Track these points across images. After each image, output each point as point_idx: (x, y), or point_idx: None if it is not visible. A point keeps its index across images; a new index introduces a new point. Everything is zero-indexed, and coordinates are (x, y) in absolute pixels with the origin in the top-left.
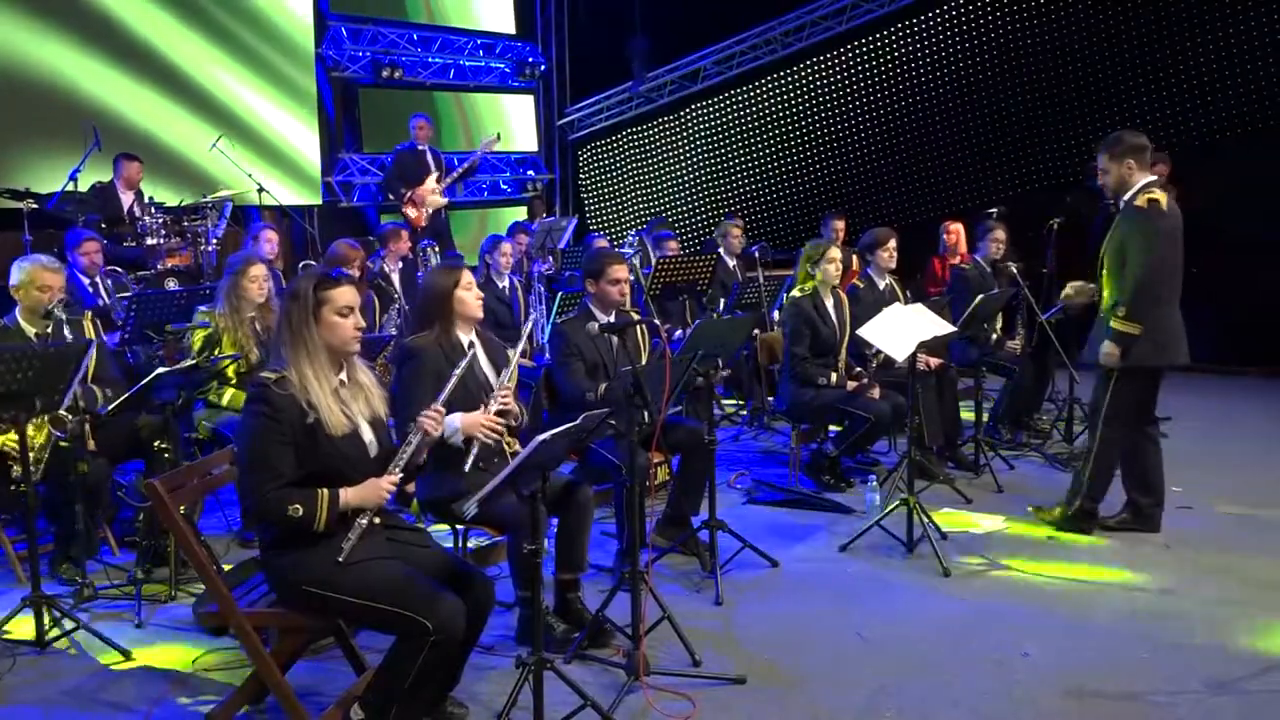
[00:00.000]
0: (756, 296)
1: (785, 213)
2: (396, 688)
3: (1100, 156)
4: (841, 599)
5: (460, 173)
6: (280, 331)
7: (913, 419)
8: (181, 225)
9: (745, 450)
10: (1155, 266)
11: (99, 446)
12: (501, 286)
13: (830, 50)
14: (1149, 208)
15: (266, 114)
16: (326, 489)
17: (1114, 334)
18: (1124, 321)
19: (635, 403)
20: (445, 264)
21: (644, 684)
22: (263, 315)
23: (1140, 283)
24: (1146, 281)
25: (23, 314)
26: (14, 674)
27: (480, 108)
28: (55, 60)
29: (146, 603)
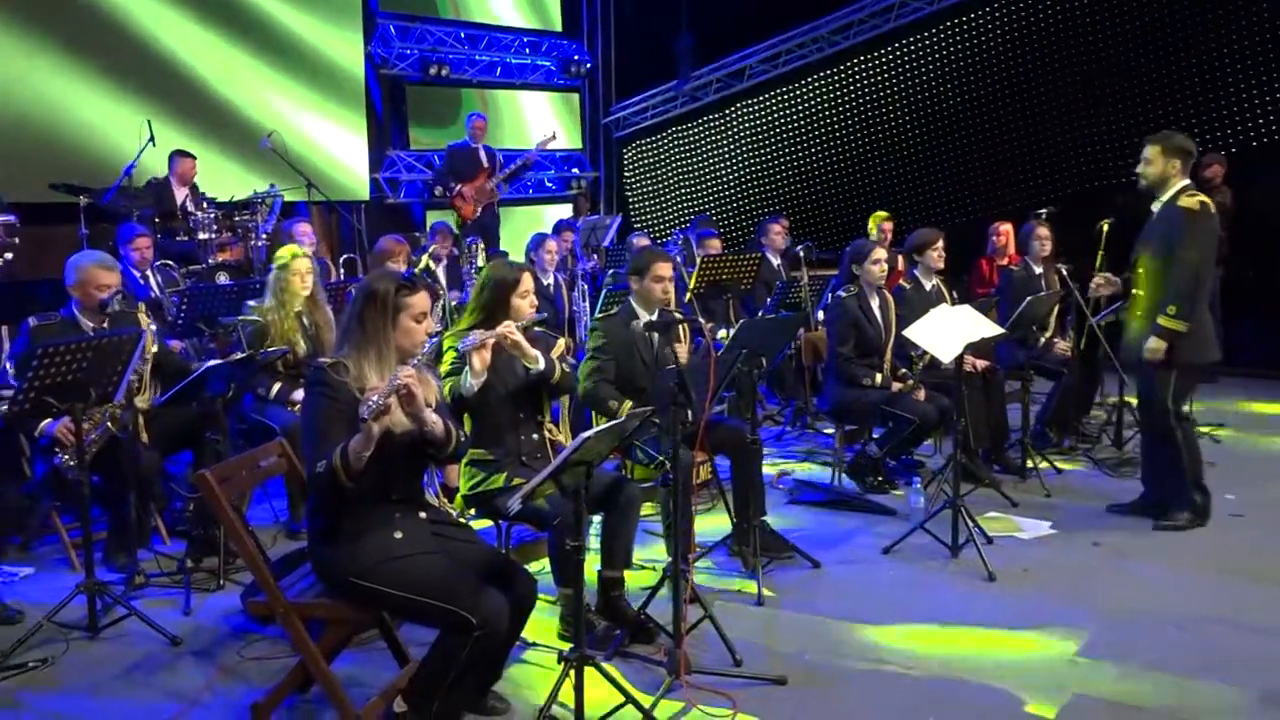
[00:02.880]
0: (801, 296)
1: (831, 211)
2: (439, 681)
3: (1148, 147)
4: (883, 600)
5: (514, 169)
6: (352, 327)
7: (958, 421)
8: (232, 220)
9: (788, 450)
10: (1207, 267)
11: (151, 438)
12: (546, 284)
13: (878, 48)
14: (1200, 210)
15: (316, 111)
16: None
17: (1161, 330)
18: (1173, 320)
19: (679, 401)
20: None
21: (685, 683)
22: (309, 309)
23: (1193, 283)
24: (1197, 281)
25: (80, 308)
26: (67, 658)
27: (526, 105)
28: (110, 58)
29: (195, 591)
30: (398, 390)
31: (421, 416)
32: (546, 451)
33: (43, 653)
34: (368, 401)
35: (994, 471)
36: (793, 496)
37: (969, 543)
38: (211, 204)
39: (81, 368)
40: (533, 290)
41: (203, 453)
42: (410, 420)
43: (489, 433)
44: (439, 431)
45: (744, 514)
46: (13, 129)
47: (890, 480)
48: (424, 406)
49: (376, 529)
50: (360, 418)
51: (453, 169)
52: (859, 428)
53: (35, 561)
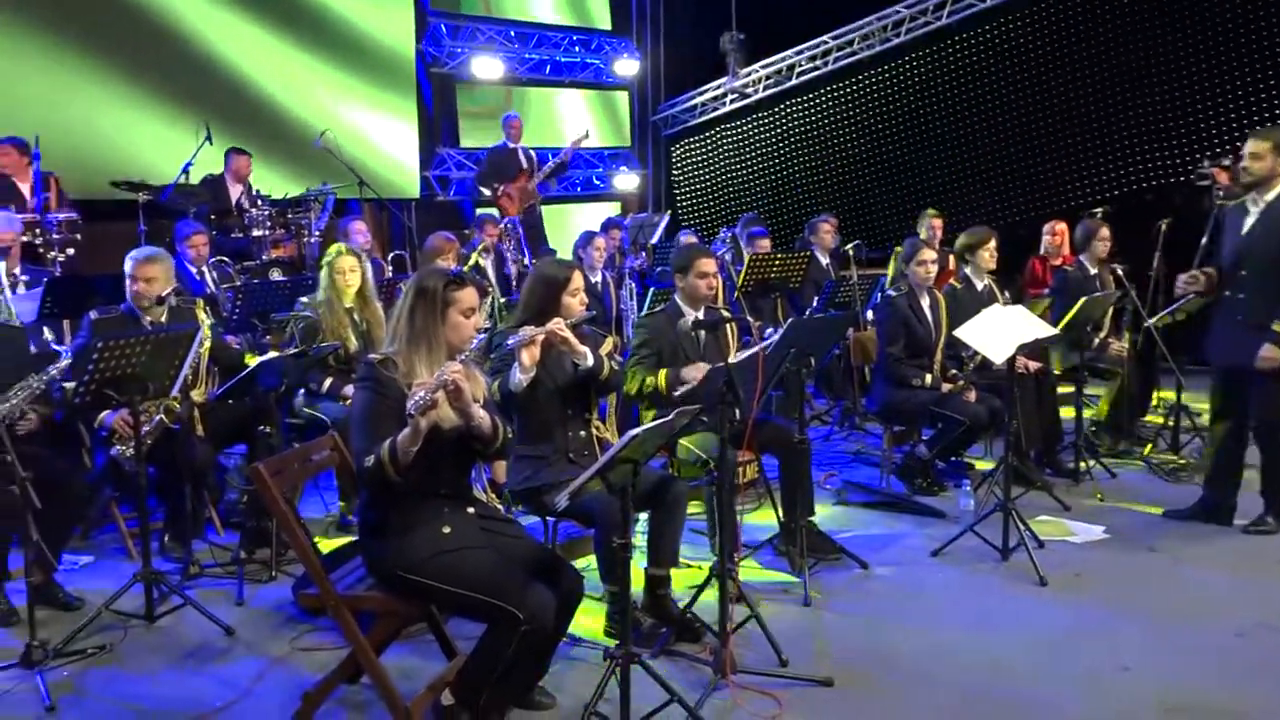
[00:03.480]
0: (850, 295)
1: (880, 210)
2: (486, 675)
3: (1257, 142)
4: (931, 603)
5: (551, 169)
6: (401, 322)
7: (1010, 423)
8: (286, 217)
9: (835, 450)
10: None
11: (207, 431)
12: (593, 281)
13: (929, 45)
14: None
15: (368, 110)
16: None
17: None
18: None
19: (726, 399)
20: (559, 259)
21: (730, 682)
22: (360, 306)
23: None
24: None
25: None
26: (125, 645)
27: (574, 104)
28: (169, 59)
29: (248, 582)
30: (444, 386)
31: (469, 412)
32: (594, 449)
33: (102, 639)
34: (414, 397)
35: (1046, 474)
36: (840, 497)
37: (1020, 546)
38: (266, 201)
39: (140, 361)
40: (582, 288)
41: (256, 446)
42: (457, 415)
43: (537, 429)
44: (486, 427)
45: (791, 514)
46: (76, 128)
47: (939, 482)
48: (471, 402)
49: (425, 523)
50: (407, 413)
51: (493, 170)
52: (908, 428)
53: (94, 550)
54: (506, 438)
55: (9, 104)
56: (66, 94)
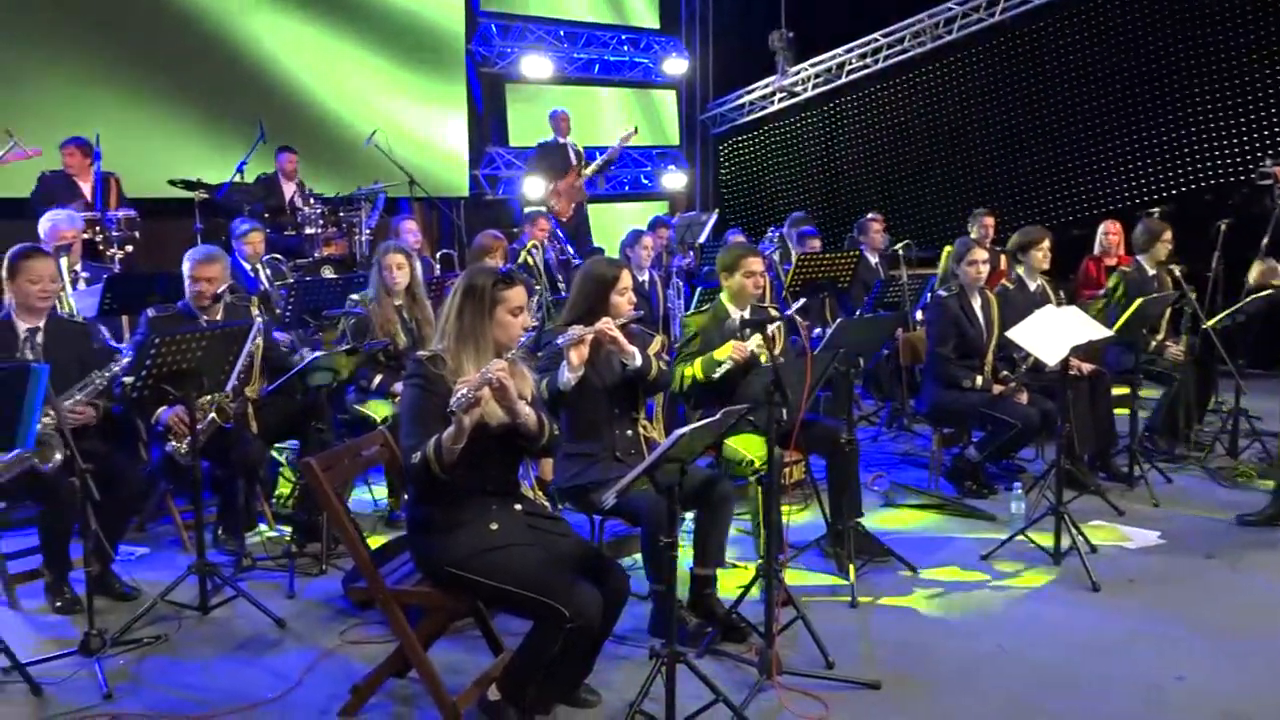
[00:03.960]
0: (899, 295)
1: (931, 209)
2: (532, 671)
3: None
4: (981, 609)
5: (598, 165)
6: (449, 320)
7: (1062, 426)
8: (338, 215)
9: (884, 452)
10: None
11: (259, 427)
12: (641, 280)
13: (982, 42)
14: None
15: (419, 109)
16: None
17: None
18: None
19: (774, 399)
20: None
21: (776, 683)
22: (409, 303)
23: None
24: None
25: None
26: (179, 635)
27: (623, 102)
28: (225, 58)
29: (299, 575)
30: (489, 383)
31: (515, 409)
32: (641, 447)
33: (157, 629)
34: (457, 394)
35: (1099, 479)
36: (888, 499)
37: (1072, 551)
38: (318, 199)
39: (195, 357)
40: (631, 287)
41: (308, 441)
42: (504, 413)
43: (584, 427)
44: (532, 424)
45: (838, 515)
46: (136, 129)
47: (989, 485)
48: (517, 399)
49: (473, 520)
50: (450, 410)
51: (542, 166)
52: (958, 430)
53: (150, 542)
54: (553, 435)
55: (72, 105)
56: (127, 95)
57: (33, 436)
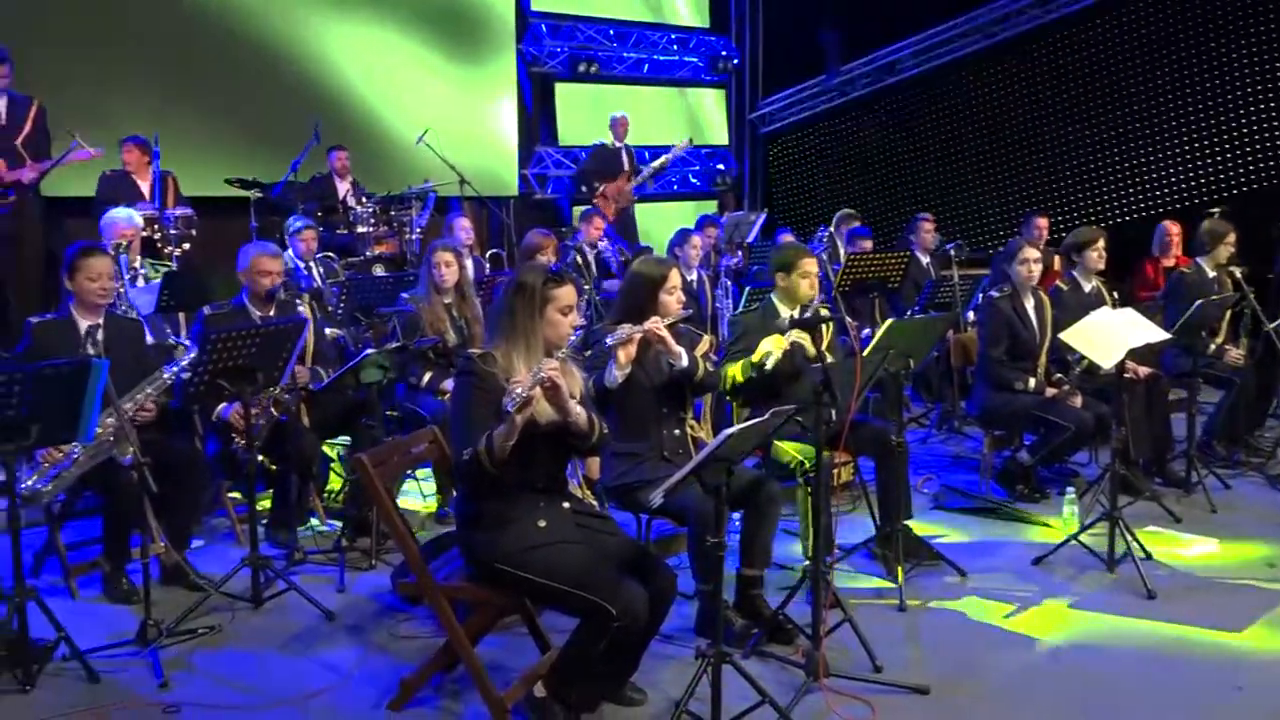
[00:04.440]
0: (951, 296)
1: (984, 210)
2: (578, 669)
3: None
4: (1032, 615)
5: (650, 171)
6: (500, 319)
7: (1117, 429)
8: (389, 214)
9: (934, 454)
10: None
11: (311, 422)
12: (689, 280)
13: (1037, 40)
14: None
15: (469, 108)
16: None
17: None
18: None
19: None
20: (656, 257)
21: (823, 686)
22: (458, 301)
23: None
24: None
25: (250, 297)
26: (233, 626)
27: (672, 102)
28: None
29: (349, 569)
30: (541, 383)
31: (565, 407)
32: (688, 447)
33: (211, 620)
34: (511, 393)
35: (1155, 484)
36: (938, 502)
37: (1127, 557)
38: (370, 198)
39: (250, 353)
40: (680, 286)
41: (359, 437)
42: (554, 411)
43: (632, 426)
44: (582, 423)
45: (887, 517)
46: (194, 128)
47: (1041, 489)
48: (568, 398)
49: (521, 517)
50: (504, 409)
51: (595, 168)
52: (1009, 433)
53: (205, 534)
54: (603, 435)
55: (131, 105)
56: (185, 96)
57: (93, 430)
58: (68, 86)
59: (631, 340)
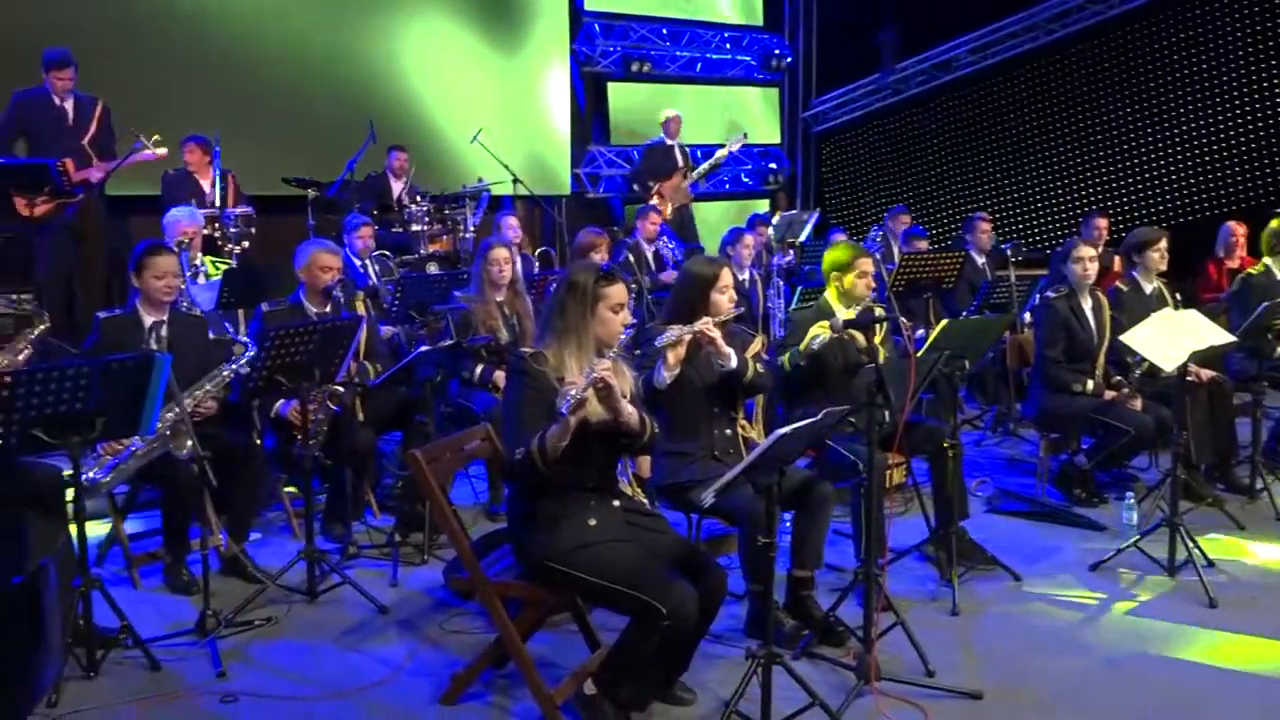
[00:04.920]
0: (1007, 296)
1: (1042, 210)
2: (628, 667)
3: None
4: (1089, 621)
5: (705, 168)
6: (551, 317)
7: (1179, 434)
8: (443, 213)
9: (988, 456)
10: None
11: (366, 417)
12: (741, 279)
13: (1097, 36)
14: None
15: (522, 108)
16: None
17: None
18: None
19: (876, 401)
20: (708, 256)
21: (874, 689)
22: (510, 298)
23: None
24: None
25: (307, 294)
26: (289, 618)
27: (724, 100)
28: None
29: (402, 564)
30: (594, 384)
31: (618, 407)
32: (739, 447)
33: (268, 612)
34: (565, 396)
35: (1218, 490)
36: (992, 505)
37: (1188, 564)
38: (425, 197)
39: (308, 350)
40: (731, 285)
41: (412, 433)
42: (606, 411)
43: (682, 426)
44: (634, 422)
45: (941, 520)
46: (253, 127)
47: (1100, 494)
48: (620, 398)
49: (572, 515)
50: (558, 412)
51: (649, 167)
52: (1066, 436)
53: (262, 528)
54: (654, 434)
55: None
56: (244, 96)
57: (155, 424)
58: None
59: (681, 342)
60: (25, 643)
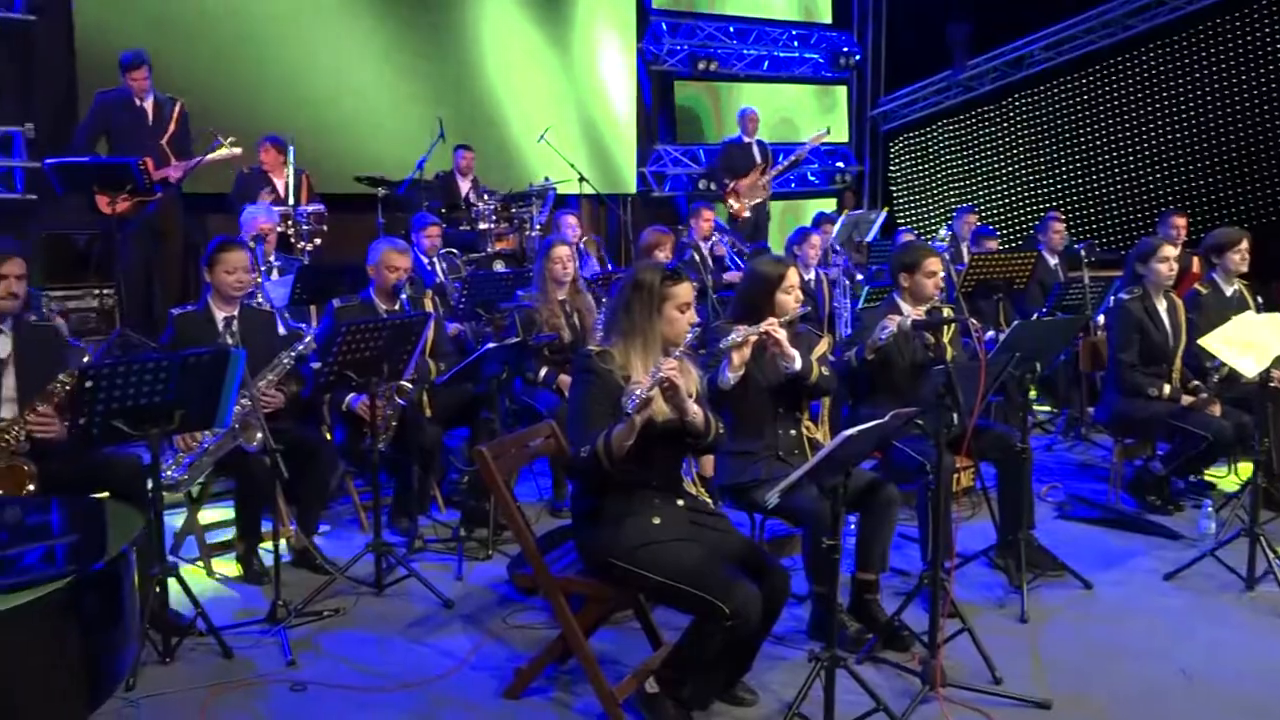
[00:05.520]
0: (1080, 298)
1: (1117, 209)
2: (691, 666)
3: None
4: (1163, 631)
5: (786, 165)
6: (617, 316)
7: (1260, 441)
8: (509, 211)
9: (1059, 461)
10: None
11: (433, 413)
12: (806, 279)
13: (1178, 31)
14: None
15: (589, 106)
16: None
17: None
18: None
19: (945, 403)
20: (774, 255)
21: (939, 695)
22: (571, 296)
23: None
24: None
25: (376, 291)
26: (356, 610)
27: (791, 99)
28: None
29: (467, 559)
30: (661, 384)
31: (683, 406)
32: (804, 448)
33: (336, 603)
34: (631, 395)
35: None
36: (1063, 511)
37: (1268, 576)
38: (492, 195)
39: (377, 346)
40: (798, 285)
41: (478, 430)
42: (672, 410)
43: (747, 426)
44: (699, 421)
45: (1010, 525)
46: (326, 128)
47: (1175, 501)
48: (686, 397)
49: (636, 513)
50: (625, 410)
51: (726, 164)
52: (1140, 441)
53: (331, 520)
54: (719, 433)
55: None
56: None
57: (230, 417)
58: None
59: (746, 343)
60: (106, 627)
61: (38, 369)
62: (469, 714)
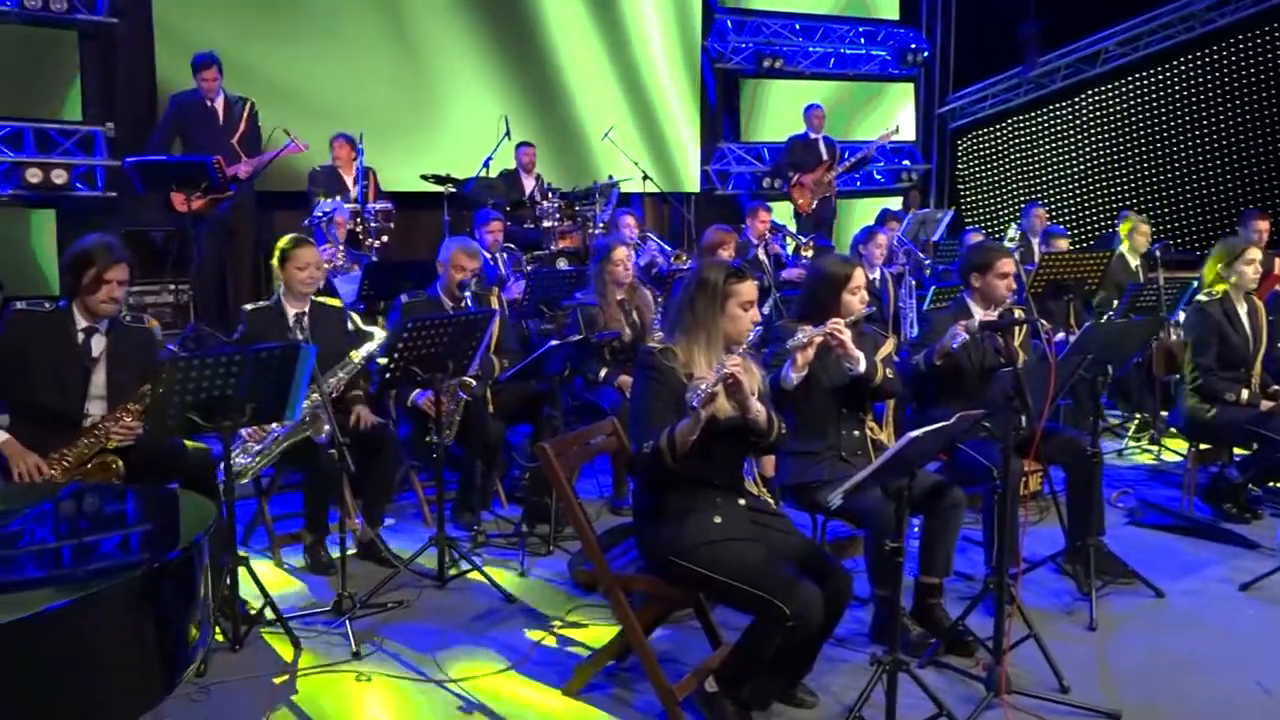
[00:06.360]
0: (1155, 299)
1: (1194, 209)
2: (751, 666)
3: None
4: (1238, 642)
5: (854, 162)
6: (680, 314)
7: None
8: (573, 209)
9: (1130, 467)
10: None
11: (496, 410)
12: (871, 278)
13: (1259, 25)
14: None
15: (653, 105)
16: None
17: None
18: None
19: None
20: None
21: (1004, 702)
22: (629, 295)
23: None
24: None
25: (443, 288)
26: (419, 602)
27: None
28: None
29: (528, 554)
30: (724, 379)
31: (746, 404)
32: (867, 449)
33: (399, 595)
34: (696, 390)
35: None
36: (1134, 517)
37: None
38: (556, 193)
39: (442, 342)
40: (863, 285)
41: (540, 427)
42: (734, 408)
43: (810, 426)
44: (762, 420)
45: (1079, 531)
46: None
47: (1253, 509)
48: (749, 395)
49: (698, 512)
50: (689, 405)
51: (792, 160)
52: (1217, 447)
53: (396, 514)
54: (781, 433)
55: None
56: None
57: (299, 411)
58: (285, 87)
59: (811, 344)
60: (180, 613)
61: (129, 370)
62: (528, 709)
